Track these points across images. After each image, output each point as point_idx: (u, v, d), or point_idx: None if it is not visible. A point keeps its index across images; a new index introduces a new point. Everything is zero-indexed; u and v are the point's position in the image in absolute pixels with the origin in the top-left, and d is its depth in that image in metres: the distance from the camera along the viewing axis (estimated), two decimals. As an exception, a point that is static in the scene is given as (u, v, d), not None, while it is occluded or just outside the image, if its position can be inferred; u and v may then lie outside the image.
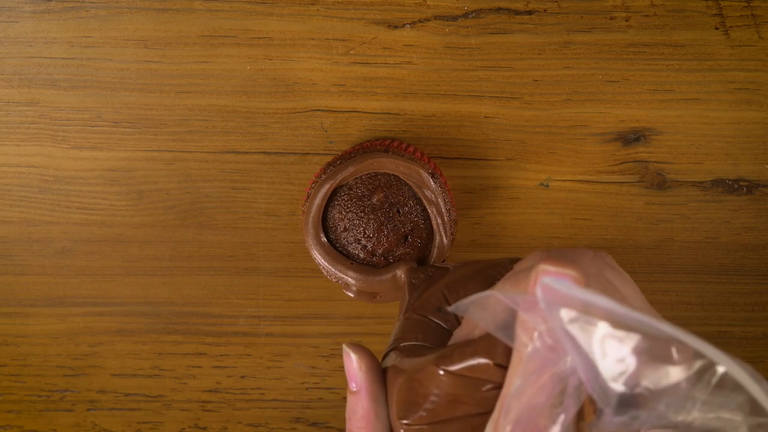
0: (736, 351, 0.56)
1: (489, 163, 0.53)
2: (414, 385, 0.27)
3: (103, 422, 0.58)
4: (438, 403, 0.27)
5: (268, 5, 0.49)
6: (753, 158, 0.52)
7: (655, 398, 0.22)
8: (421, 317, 0.31)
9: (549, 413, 0.23)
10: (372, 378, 0.30)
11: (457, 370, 0.26)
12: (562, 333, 0.22)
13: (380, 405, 0.29)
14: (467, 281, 0.32)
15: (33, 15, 0.49)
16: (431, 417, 0.27)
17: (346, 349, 0.30)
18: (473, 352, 0.26)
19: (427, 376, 0.27)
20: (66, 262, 0.54)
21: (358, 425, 0.29)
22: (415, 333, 0.30)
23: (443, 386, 0.26)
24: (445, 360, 0.26)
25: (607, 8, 0.49)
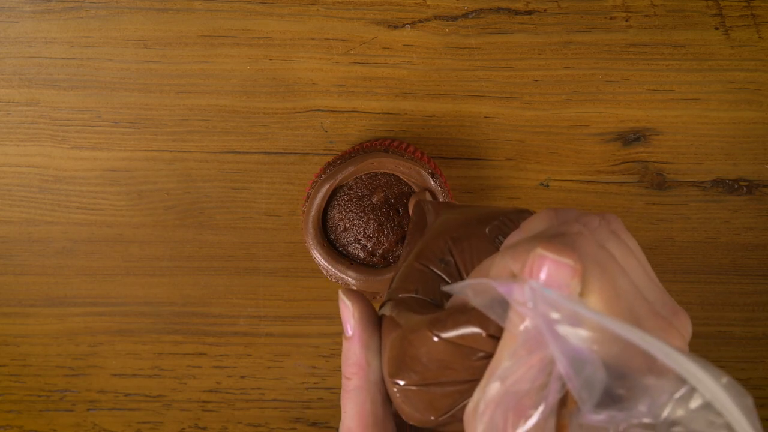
0: (736, 351, 0.56)
1: (489, 163, 0.53)
2: (406, 346, 0.28)
3: (103, 422, 0.58)
4: (429, 367, 0.27)
5: (268, 5, 0.49)
6: (753, 158, 0.52)
7: (636, 398, 0.22)
8: (423, 267, 0.31)
9: (534, 395, 0.23)
10: (365, 326, 0.30)
11: (450, 338, 0.26)
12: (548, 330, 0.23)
13: (372, 352, 0.30)
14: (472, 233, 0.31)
15: (33, 15, 0.49)
16: (421, 379, 0.27)
17: (342, 297, 0.31)
18: (467, 321, 0.26)
19: (420, 338, 0.27)
20: (66, 262, 0.54)
21: (351, 371, 0.30)
22: (416, 284, 0.30)
23: (435, 352, 0.26)
24: (439, 325, 0.26)
25: (607, 8, 0.49)
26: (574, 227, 0.26)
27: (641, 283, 0.26)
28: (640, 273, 0.26)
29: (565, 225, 0.26)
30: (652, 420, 0.22)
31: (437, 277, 0.30)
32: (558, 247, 0.23)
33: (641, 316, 0.25)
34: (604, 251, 0.25)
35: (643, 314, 0.25)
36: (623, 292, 0.25)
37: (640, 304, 0.25)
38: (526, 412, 0.23)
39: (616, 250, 0.26)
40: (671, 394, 0.22)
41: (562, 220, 0.27)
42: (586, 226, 0.26)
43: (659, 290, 0.27)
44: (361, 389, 0.29)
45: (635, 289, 0.26)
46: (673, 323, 0.25)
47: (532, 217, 0.29)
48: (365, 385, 0.29)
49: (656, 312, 0.25)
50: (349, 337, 0.30)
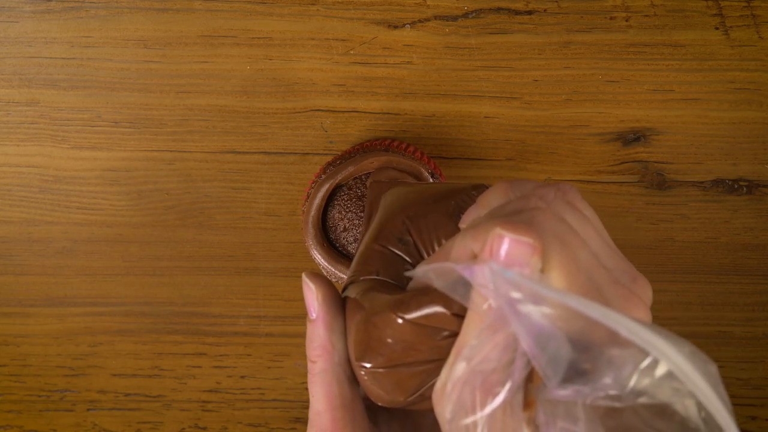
0: (736, 351, 0.56)
1: (489, 163, 0.53)
2: (371, 329, 0.28)
3: (103, 422, 0.58)
4: (394, 348, 0.27)
5: (268, 5, 0.49)
6: (753, 158, 0.52)
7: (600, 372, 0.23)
8: (382, 248, 0.31)
9: (501, 373, 0.23)
10: (328, 308, 0.30)
11: (415, 318, 0.26)
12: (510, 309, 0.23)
13: (336, 335, 0.30)
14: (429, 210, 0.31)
15: (33, 15, 0.49)
16: (387, 361, 0.27)
17: (305, 279, 0.31)
18: (430, 301, 0.26)
19: (384, 321, 0.27)
20: (66, 262, 0.54)
21: (316, 353, 0.30)
22: (376, 266, 0.30)
23: (400, 333, 0.26)
24: (403, 307, 0.26)
25: (607, 8, 0.49)
26: (531, 201, 0.26)
27: (600, 252, 0.26)
28: (598, 241, 0.27)
29: (523, 200, 0.26)
30: (618, 391, 0.22)
31: (397, 257, 0.30)
32: (516, 225, 0.23)
33: (602, 286, 0.25)
34: (562, 224, 0.25)
35: (604, 283, 0.25)
36: (583, 263, 0.25)
37: (600, 273, 0.25)
38: (494, 390, 0.23)
39: (574, 221, 0.26)
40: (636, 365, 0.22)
41: (518, 193, 0.27)
42: (543, 198, 0.26)
43: (618, 257, 0.27)
44: (327, 371, 0.29)
45: (595, 259, 0.26)
46: (633, 290, 0.25)
47: (487, 191, 0.29)
48: (331, 367, 0.30)
49: (616, 280, 0.26)
50: (313, 319, 0.30)
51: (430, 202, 0.32)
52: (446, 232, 0.30)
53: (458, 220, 0.30)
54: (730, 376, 0.57)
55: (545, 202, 0.26)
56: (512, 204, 0.26)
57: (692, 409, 0.21)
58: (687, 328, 0.56)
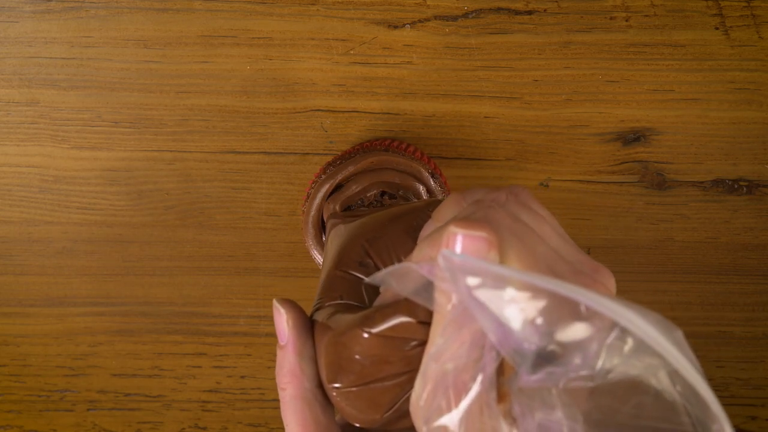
0: (736, 351, 0.56)
1: (489, 163, 0.53)
2: (339, 349, 0.27)
3: (103, 422, 0.58)
4: (365, 365, 0.27)
5: (268, 5, 0.49)
6: (753, 158, 0.52)
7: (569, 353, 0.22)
8: (343, 273, 0.31)
9: (471, 369, 0.23)
10: (298, 333, 0.30)
11: (381, 331, 0.26)
12: (470, 299, 0.23)
13: (306, 360, 0.29)
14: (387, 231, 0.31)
15: (33, 15, 0.49)
16: (359, 379, 0.27)
17: (276, 304, 0.30)
18: (395, 311, 0.26)
19: (352, 338, 0.27)
20: (66, 262, 0.54)
21: (286, 380, 0.29)
22: (339, 291, 0.30)
23: (369, 348, 0.26)
24: (368, 322, 0.26)
25: (607, 8, 0.49)
26: (484, 204, 0.26)
27: (559, 247, 0.26)
28: (556, 238, 0.27)
29: (475, 204, 0.26)
30: (589, 371, 0.22)
31: (359, 280, 0.30)
32: (470, 222, 0.23)
33: (564, 276, 0.25)
34: (517, 222, 0.25)
35: (566, 274, 0.25)
36: (542, 256, 0.25)
37: (560, 265, 0.25)
38: (466, 386, 0.23)
39: (529, 219, 0.26)
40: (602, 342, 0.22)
41: (471, 201, 0.27)
42: (495, 201, 0.27)
43: (576, 251, 0.27)
44: (297, 398, 0.29)
45: (554, 253, 0.26)
46: (596, 279, 0.25)
47: (441, 204, 0.29)
48: (301, 393, 0.29)
49: (578, 271, 0.26)
50: (283, 345, 0.30)
51: (387, 223, 0.32)
52: (405, 250, 0.30)
53: (416, 237, 0.30)
54: (730, 376, 0.57)
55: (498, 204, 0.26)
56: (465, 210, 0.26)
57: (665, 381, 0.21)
58: (687, 328, 0.56)
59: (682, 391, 0.21)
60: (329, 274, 0.31)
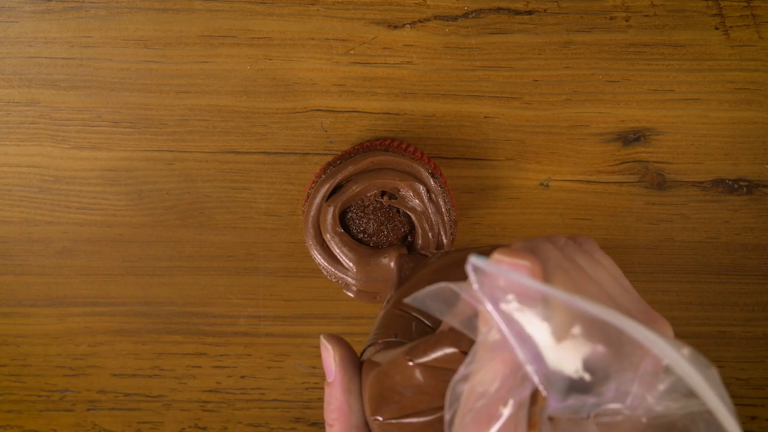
0: (736, 351, 0.56)
1: (489, 163, 0.53)
2: (383, 378, 0.27)
3: (103, 422, 0.58)
4: (407, 395, 0.27)
5: (268, 5, 0.49)
6: (753, 158, 0.52)
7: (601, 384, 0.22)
8: (402, 313, 0.31)
9: (504, 395, 0.23)
10: (346, 370, 0.30)
11: (426, 362, 0.26)
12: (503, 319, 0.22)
13: (354, 397, 0.29)
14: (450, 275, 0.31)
15: (33, 15, 0.49)
16: (401, 410, 0.27)
17: (323, 341, 0.30)
18: (439, 342, 0.26)
19: (396, 368, 0.27)
20: (66, 262, 0.54)
21: (333, 416, 0.29)
22: (395, 329, 0.30)
23: (411, 378, 0.26)
24: (413, 351, 0.26)
25: (607, 8, 0.49)
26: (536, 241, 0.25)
27: (614, 293, 0.26)
28: (611, 284, 0.26)
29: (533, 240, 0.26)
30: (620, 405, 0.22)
31: (417, 321, 0.30)
32: (515, 251, 0.23)
33: None
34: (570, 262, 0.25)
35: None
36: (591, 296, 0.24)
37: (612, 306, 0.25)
38: (497, 412, 0.23)
39: (585, 263, 0.26)
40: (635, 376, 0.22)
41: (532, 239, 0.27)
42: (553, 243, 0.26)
43: (635, 300, 0.26)
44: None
45: (606, 296, 0.25)
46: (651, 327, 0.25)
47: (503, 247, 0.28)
48: (348, 430, 0.29)
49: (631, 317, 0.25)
50: (330, 382, 0.30)
51: (452, 266, 0.32)
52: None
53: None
54: (730, 376, 0.57)
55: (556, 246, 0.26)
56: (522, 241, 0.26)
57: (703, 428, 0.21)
58: (687, 328, 0.56)
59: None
60: (388, 311, 0.31)
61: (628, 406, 0.22)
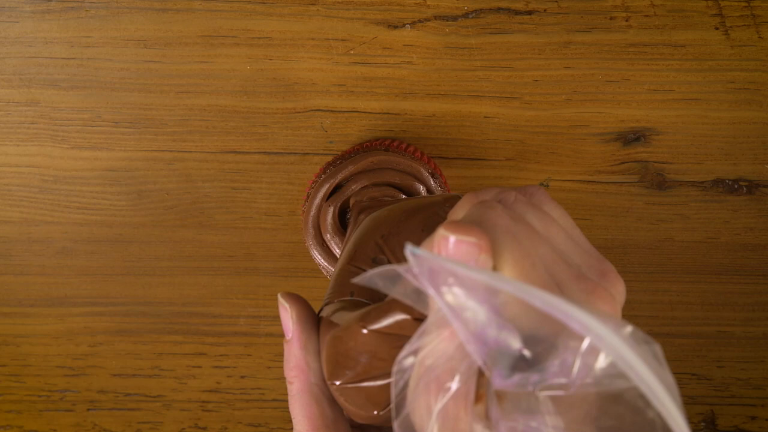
0: (736, 351, 0.56)
1: (489, 163, 0.53)
2: (338, 344, 0.28)
3: (103, 422, 0.58)
4: (361, 361, 0.27)
5: (268, 5, 0.49)
6: (753, 158, 0.52)
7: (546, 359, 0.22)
8: (356, 269, 0.31)
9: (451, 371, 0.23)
10: (303, 327, 0.30)
11: (379, 328, 0.26)
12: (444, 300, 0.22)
13: (311, 354, 0.29)
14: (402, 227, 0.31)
15: (33, 15, 0.49)
16: (357, 376, 0.27)
17: (280, 299, 0.30)
18: (392, 309, 0.26)
19: (350, 334, 0.27)
20: (66, 262, 0.54)
21: (292, 374, 0.30)
22: (351, 287, 0.30)
23: (365, 345, 0.26)
24: (366, 318, 0.26)
25: (607, 8, 0.49)
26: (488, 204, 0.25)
27: (567, 249, 0.26)
28: (564, 240, 0.26)
29: (477, 206, 0.26)
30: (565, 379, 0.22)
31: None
32: (460, 225, 0.23)
33: (563, 281, 0.24)
34: (520, 223, 0.25)
35: (566, 278, 0.25)
36: (542, 260, 0.24)
37: (562, 268, 0.25)
38: (444, 385, 0.23)
39: (536, 220, 0.26)
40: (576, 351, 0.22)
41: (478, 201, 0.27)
42: (502, 202, 0.26)
43: (587, 254, 0.26)
44: (304, 392, 0.29)
45: (557, 255, 0.25)
46: (600, 284, 0.25)
47: (456, 205, 0.28)
48: (308, 387, 0.29)
49: (581, 275, 0.25)
50: (289, 339, 0.30)
51: (403, 219, 0.32)
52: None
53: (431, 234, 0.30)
54: (730, 376, 0.57)
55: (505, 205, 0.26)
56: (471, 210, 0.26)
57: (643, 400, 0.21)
58: (687, 328, 0.56)
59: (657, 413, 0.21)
60: (342, 268, 0.31)
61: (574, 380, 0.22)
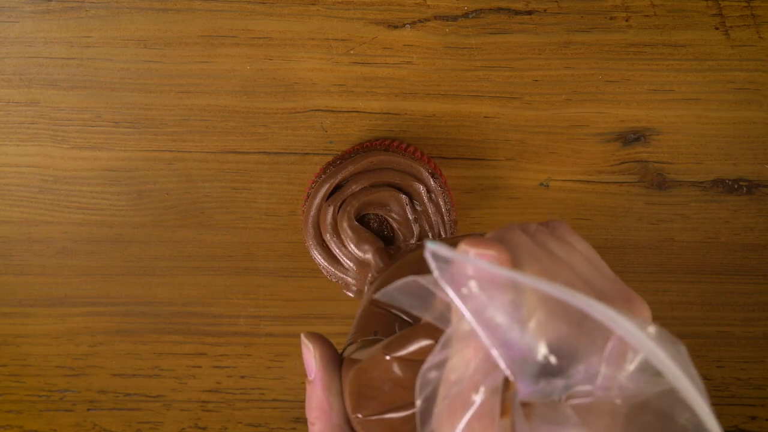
0: (736, 351, 0.56)
1: (489, 163, 0.53)
2: (362, 375, 0.27)
3: (103, 422, 0.58)
4: (385, 391, 0.27)
5: (268, 5, 0.49)
6: (753, 158, 0.52)
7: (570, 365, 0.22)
8: (380, 310, 0.30)
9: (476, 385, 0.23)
10: (326, 368, 0.29)
11: (403, 355, 0.26)
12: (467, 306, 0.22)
13: (334, 395, 0.29)
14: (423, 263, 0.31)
15: (33, 15, 0.49)
16: (380, 407, 0.27)
17: (304, 340, 0.30)
18: (415, 335, 0.26)
19: (374, 364, 0.26)
20: (66, 262, 0.54)
21: (314, 415, 0.29)
22: (375, 326, 0.30)
23: (389, 372, 0.26)
24: (390, 346, 0.26)
25: (607, 8, 0.49)
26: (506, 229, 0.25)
27: (589, 276, 0.26)
28: (585, 267, 0.26)
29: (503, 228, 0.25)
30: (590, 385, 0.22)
31: (396, 317, 0.30)
32: (481, 240, 0.23)
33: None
34: (542, 248, 0.25)
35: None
36: (563, 281, 0.24)
37: (583, 291, 0.24)
38: (470, 400, 0.23)
39: (557, 248, 0.26)
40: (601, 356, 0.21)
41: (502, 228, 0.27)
42: (524, 230, 0.26)
43: (611, 282, 0.26)
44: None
45: (579, 281, 0.25)
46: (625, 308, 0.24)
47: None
48: (329, 428, 0.29)
49: (604, 299, 0.25)
50: (311, 380, 0.30)
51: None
52: None
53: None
54: (730, 376, 0.57)
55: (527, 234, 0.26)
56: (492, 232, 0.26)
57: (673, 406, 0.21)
58: (687, 328, 0.56)
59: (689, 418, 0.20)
60: (366, 309, 0.31)
61: (599, 387, 0.22)
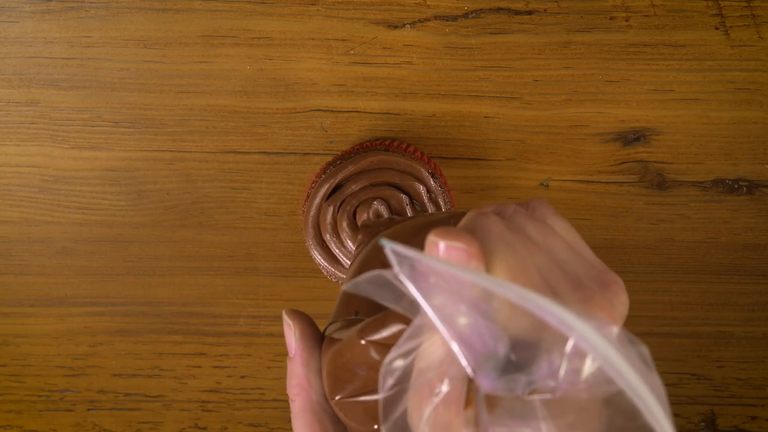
0: (736, 351, 0.56)
1: (489, 163, 0.53)
2: (337, 357, 0.27)
3: (103, 422, 0.58)
4: (360, 374, 0.27)
5: (268, 5, 0.49)
6: (753, 158, 0.52)
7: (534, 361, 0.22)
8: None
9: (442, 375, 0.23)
10: (306, 345, 0.30)
11: (377, 339, 0.26)
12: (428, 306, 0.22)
13: (313, 372, 0.29)
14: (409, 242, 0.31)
15: (33, 15, 0.49)
16: (357, 390, 0.27)
17: (285, 317, 0.31)
18: (389, 320, 0.26)
19: (349, 347, 0.27)
20: (66, 262, 0.54)
21: (294, 392, 0.30)
22: (356, 306, 0.30)
23: (364, 356, 0.26)
24: (365, 330, 0.26)
25: (607, 8, 0.49)
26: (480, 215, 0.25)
27: (566, 260, 0.25)
28: (564, 250, 0.26)
29: (477, 214, 0.25)
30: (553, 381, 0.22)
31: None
32: (450, 231, 0.22)
33: (559, 289, 0.24)
34: (516, 233, 0.25)
35: (562, 287, 0.24)
36: (538, 267, 0.24)
37: (559, 278, 0.24)
38: (435, 389, 0.23)
39: (535, 231, 0.26)
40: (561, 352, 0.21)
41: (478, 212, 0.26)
42: (500, 214, 0.26)
43: (590, 265, 0.26)
44: (306, 410, 0.29)
45: (555, 266, 0.25)
46: (599, 293, 0.24)
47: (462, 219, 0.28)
48: (309, 405, 0.29)
49: (579, 284, 0.25)
50: (292, 357, 0.30)
51: (409, 236, 0.32)
52: None
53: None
54: (730, 376, 0.57)
55: (503, 217, 0.26)
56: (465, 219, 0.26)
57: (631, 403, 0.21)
58: (687, 328, 0.56)
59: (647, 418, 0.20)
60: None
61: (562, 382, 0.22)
